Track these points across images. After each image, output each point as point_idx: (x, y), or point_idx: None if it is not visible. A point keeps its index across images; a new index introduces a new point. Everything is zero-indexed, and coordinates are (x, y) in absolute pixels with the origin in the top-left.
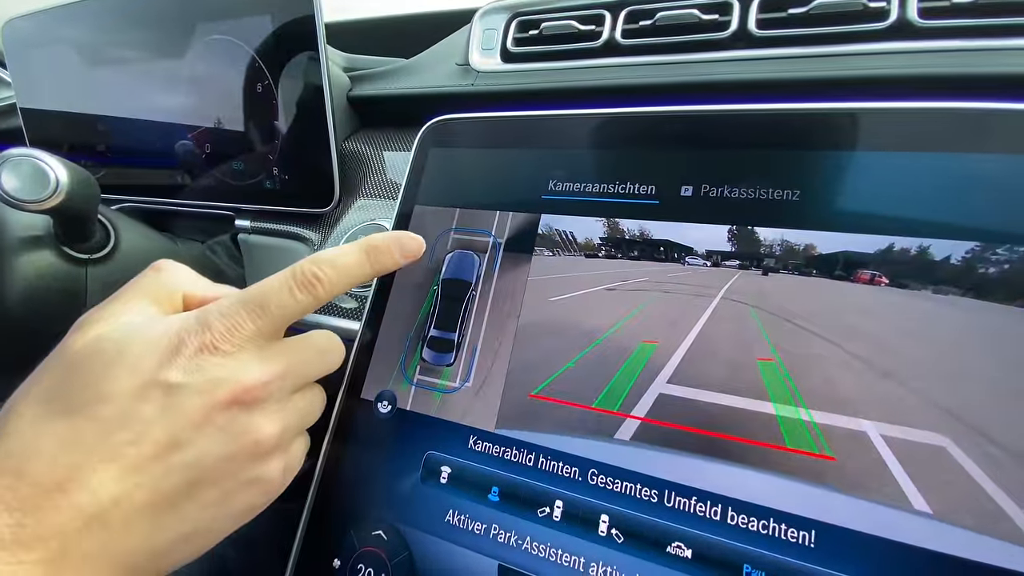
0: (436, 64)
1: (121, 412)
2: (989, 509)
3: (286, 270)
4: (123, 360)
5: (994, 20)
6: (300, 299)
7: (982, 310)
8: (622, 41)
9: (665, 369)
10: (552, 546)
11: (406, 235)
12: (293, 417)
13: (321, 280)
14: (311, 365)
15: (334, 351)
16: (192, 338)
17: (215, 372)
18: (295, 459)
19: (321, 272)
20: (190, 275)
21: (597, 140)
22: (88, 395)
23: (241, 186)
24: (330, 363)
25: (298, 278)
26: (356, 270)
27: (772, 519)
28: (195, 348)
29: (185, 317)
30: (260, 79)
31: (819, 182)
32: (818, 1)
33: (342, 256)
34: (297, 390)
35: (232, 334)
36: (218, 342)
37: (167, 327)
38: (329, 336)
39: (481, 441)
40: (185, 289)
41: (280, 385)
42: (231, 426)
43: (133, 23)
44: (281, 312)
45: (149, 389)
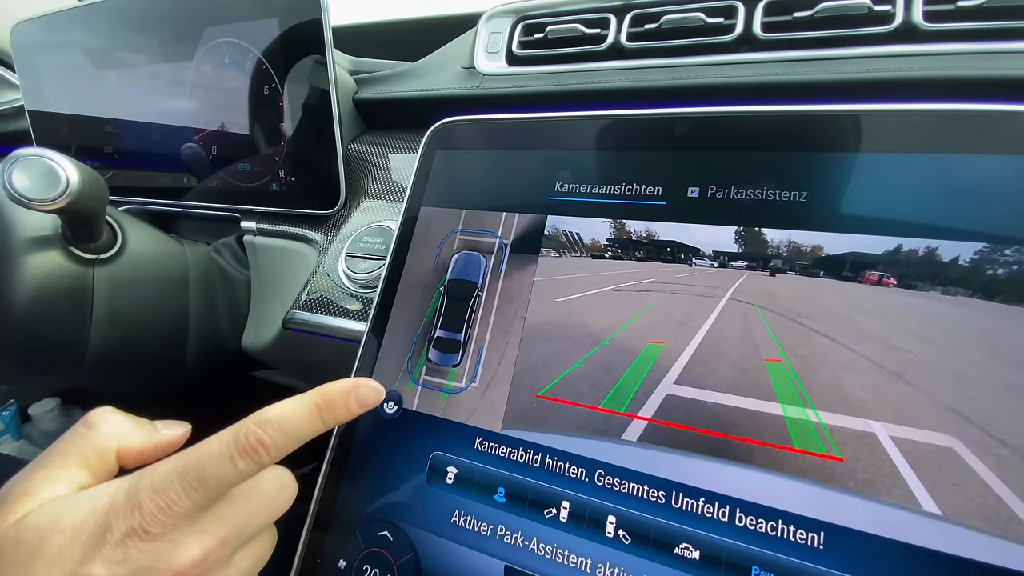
0: (441, 67)
1: None
2: (999, 511)
3: (228, 433)
4: (43, 553)
5: (999, 23)
6: (242, 468)
7: (990, 311)
8: (627, 44)
9: (672, 370)
10: (559, 547)
11: (364, 383)
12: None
13: (266, 445)
14: (257, 519)
15: (284, 495)
16: (120, 521)
17: (143, 560)
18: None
19: (267, 436)
20: (124, 427)
21: (603, 142)
22: None
23: (247, 188)
24: (279, 510)
25: (241, 445)
26: (307, 428)
27: (781, 520)
28: (122, 534)
29: (114, 494)
30: (267, 82)
31: (826, 183)
32: (823, 5)
33: (290, 414)
34: (241, 547)
35: (164, 514)
36: (148, 524)
37: (93, 507)
38: (280, 478)
39: (487, 442)
40: (120, 443)
41: (218, 555)
42: None
43: (141, 26)
44: (220, 484)
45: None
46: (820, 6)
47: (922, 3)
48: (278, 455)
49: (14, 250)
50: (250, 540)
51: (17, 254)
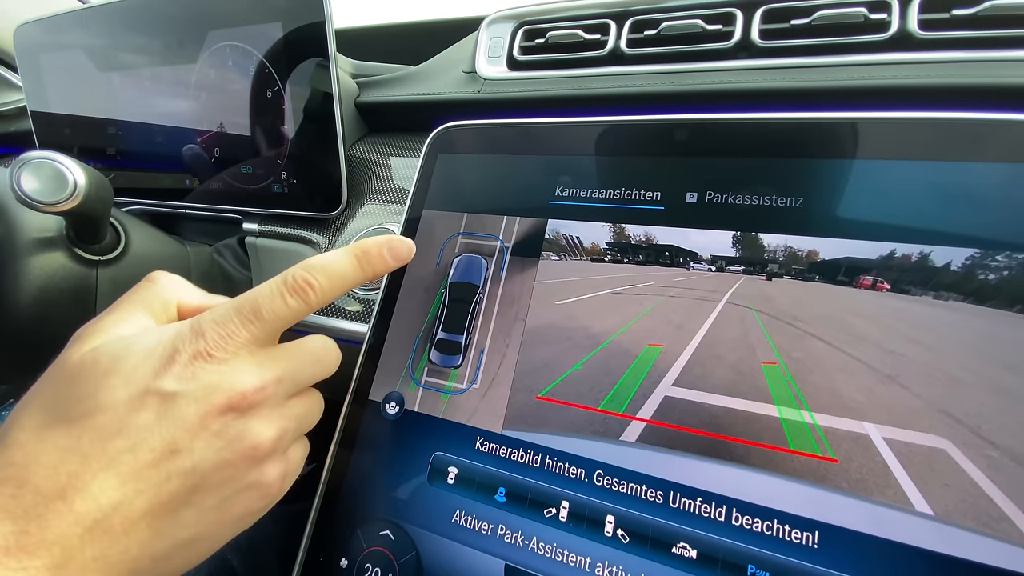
0: (443, 71)
1: (118, 421)
2: (989, 511)
3: (278, 276)
4: (118, 370)
5: (993, 32)
6: (292, 305)
7: (982, 315)
8: (627, 50)
9: (670, 372)
10: (558, 546)
11: (396, 239)
12: (290, 422)
13: (313, 286)
14: (306, 370)
15: (330, 356)
16: (186, 346)
17: (209, 379)
18: (294, 464)
19: (313, 278)
20: (184, 285)
21: (604, 147)
22: (86, 406)
23: (249, 190)
24: (326, 368)
25: (290, 284)
26: (348, 275)
27: (776, 520)
28: (189, 356)
29: (179, 326)
30: (270, 85)
31: (822, 190)
32: (820, 13)
33: (333, 262)
34: (293, 395)
35: (226, 341)
36: (212, 349)
37: (161, 336)
38: (324, 341)
39: (488, 442)
40: (180, 299)
41: (275, 390)
42: (227, 432)
43: (144, 29)
44: (274, 318)
45: (145, 398)
46: (817, 14)
47: (917, 12)
48: (324, 297)
49: (19, 251)
50: (301, 394)
51: (22, 255)
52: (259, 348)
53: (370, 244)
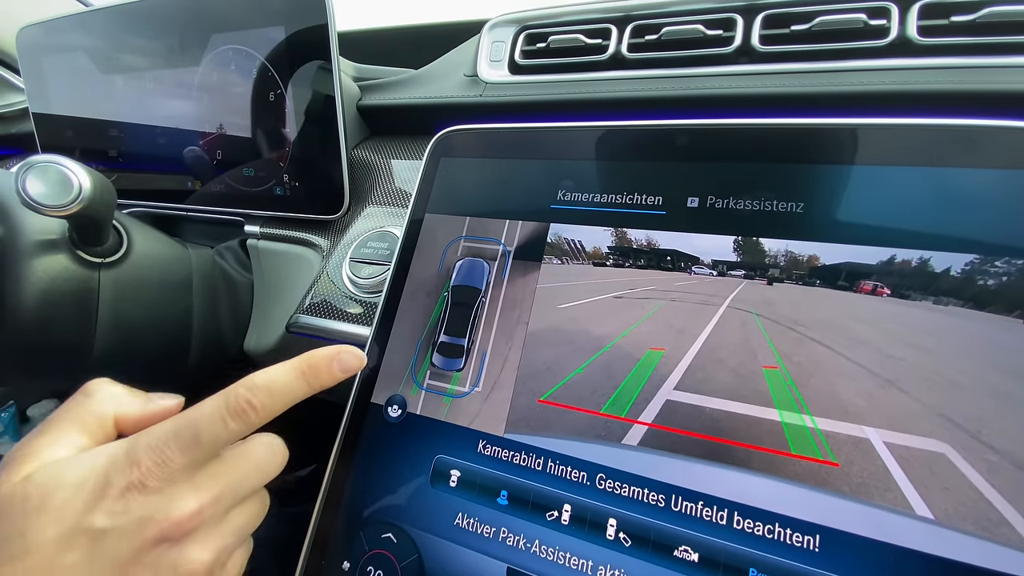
0: (445, 75)
1: (46, 563)
2: (989, 515)
3: (219, 396)
4: (47, 507)
5: (992, 38)
6: (233, 428)
7: (981, 320)
8: (628, 55)
9: (672, 376)
10: (560, 549)
11: (347, 351)
12: (229, 538)
13: (255, 407)
14: (249, 482)
15: (274, 461)
16: (119, 477)
17: (143, 512)
18: (232, 573)
19: (255, 398)
20: (122, 395)
21: (606, 152)
22: (15, 547)
23: (251, 192)
24: (270, 473)
25: (231, 407)
26: (293, 391)
27: (777, 524)
28: (121, 488)
29: (113, 452)
30: (272, 88)
31: (822, 195)
32: (820, 19)
33: (277, 379)
34: (234, 506)
35: (162, 468)
36: (146, 479)
37: (93, 465)
38: (270, 445)
39: (490, 445)
40: (117, 412)
41: (213, 511)
42: (160, 563)
43: (147, 32)
44: (213, 442)
45: (74, 537)
46: (817, 20)
47: (916, 18)
48: (266, 416)
49: (21, 253)
50: (243, 500)
51: (25, 257)
52: (196, 470)
53: (318, 357)
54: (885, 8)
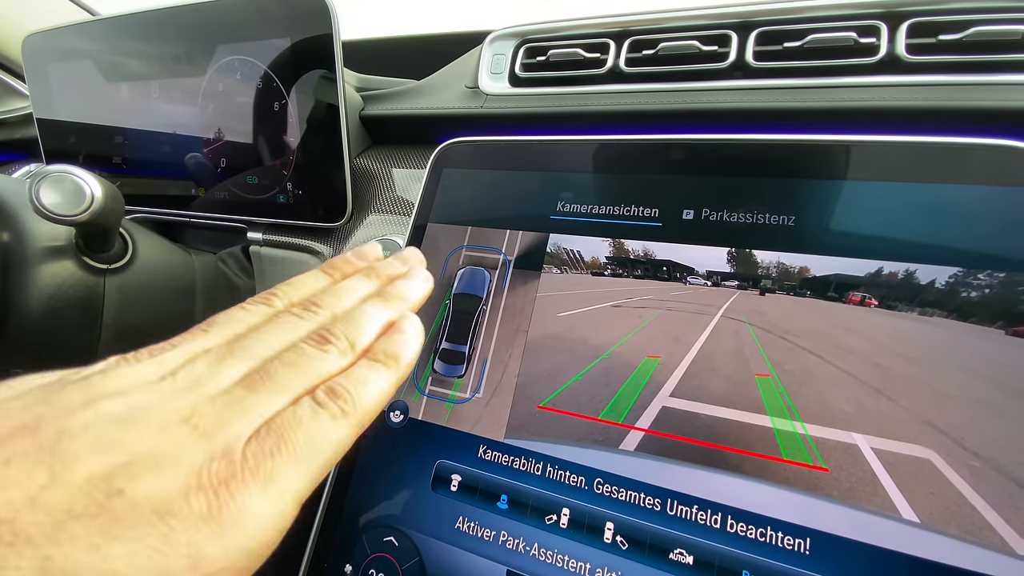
0: (446, 86)
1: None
2: (973, 519)
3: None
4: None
5: (979, 57)
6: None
7: (964, 331)
8: (626, 69)
9: (668, 383)
10: (559, 552)
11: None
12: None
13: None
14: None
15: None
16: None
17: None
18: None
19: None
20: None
21: (604, 165)
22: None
23: (254, 200)
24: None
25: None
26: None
27: (769, 527)
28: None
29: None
30: (277, 98)
31: (813, 209)
32: (812, 36)
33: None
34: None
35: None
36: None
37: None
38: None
39: (490, 450)
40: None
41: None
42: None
43: (154, 42)
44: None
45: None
46: (809, 37)
47: (905, 36)
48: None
49: (29, 259)
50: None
51: (32, 263)
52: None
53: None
54: (875, 27)
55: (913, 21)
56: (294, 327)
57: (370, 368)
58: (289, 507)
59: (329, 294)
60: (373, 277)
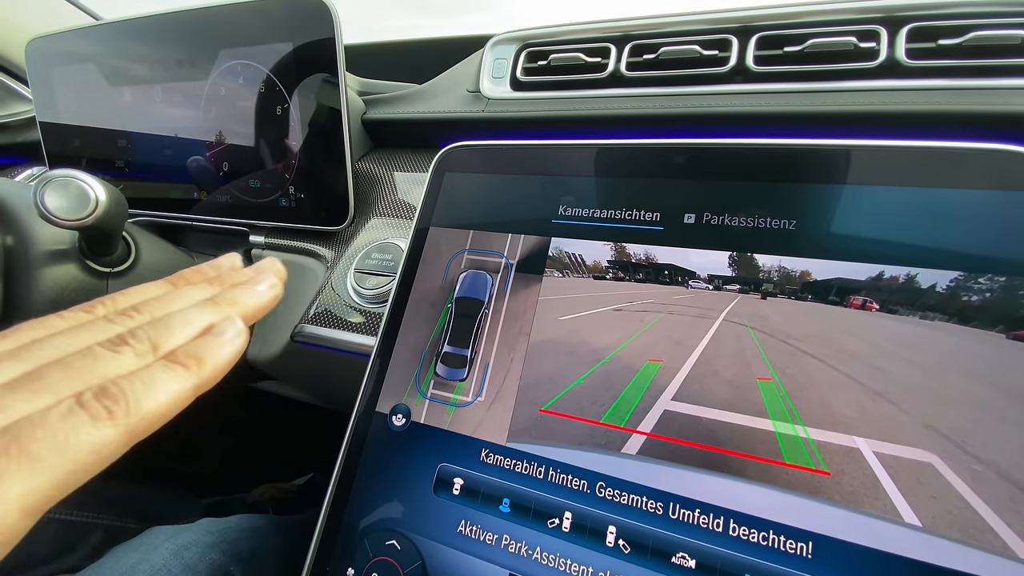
0: (448, 90)
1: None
2: (975, 522)
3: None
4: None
5: (978, 61)
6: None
7: (965, 335)
8: (627, 73)
9: (670, 387)
10: (561, 556)
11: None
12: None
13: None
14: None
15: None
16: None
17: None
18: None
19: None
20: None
21: (606, 169)
22: None
23: (257, 203)
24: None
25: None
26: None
27: (772, 531)
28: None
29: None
30: (279, 102)
31: (814, 213)
32: (812, 40)
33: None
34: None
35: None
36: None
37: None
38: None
39: (492, 454)
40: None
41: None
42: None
43: (157, 46)
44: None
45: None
46: (809, 42)
47: (905, 41)
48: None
49: (33, 263)
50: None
51: (36, 267)
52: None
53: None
54: (875, 31)
55: (913, 26)
56: (100, 332)
57: (163, 369)
58: (12, 516)
59: (159, 300)
60: (216, 285)
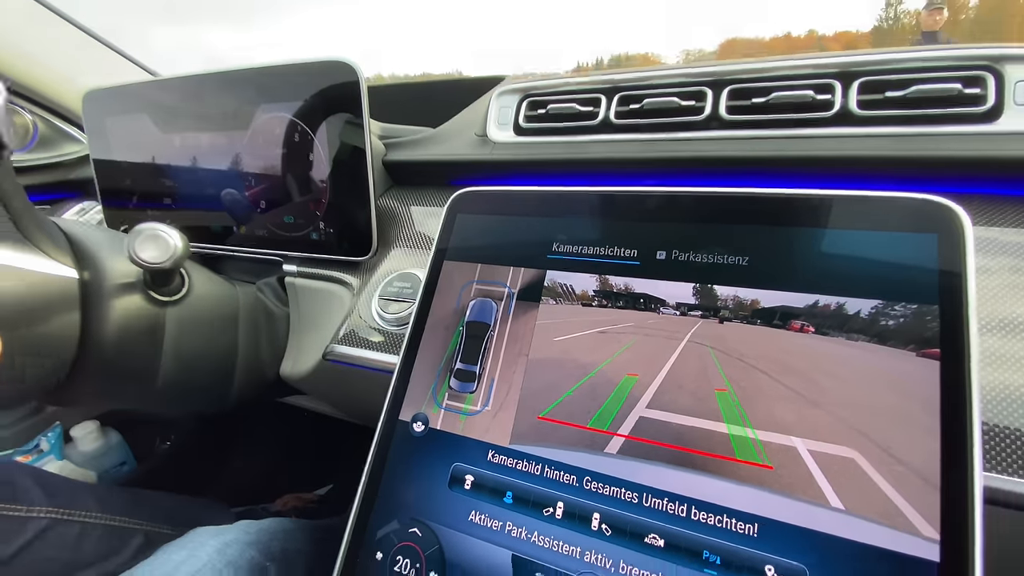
0: (458, 134)
1: None
2: (887, 506)
3: None
4: None
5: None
6: None
7: (883, 353)
8: (615, 120)
9: (644, 397)
10: (555, 539)
11: None
12: None
13: None
14: None
15: None
16: None
17: None
18: None
19: None
20: None
21: (592, 212)
22: None
23: (290, 236)
24: None
25: None
26: None
27: (725, 515)
28: None
29: None
30: (311, 148)
31: (762, 250)
32: (776, 93)
33: None
34: None
35: None
36: None
37: None
38: None
39: (498, 454)
40: None
41: None
42: None
43: (204, 102)
44: None
45: None
46: (773, 94)
47: (856, 93)
48: None
49: (105, 294)
50: None
51: (107, 297)
52: None
53: None
54: (830, 84)
55: (863, 80)
56: None
57: None
58: None
59: None
60: None
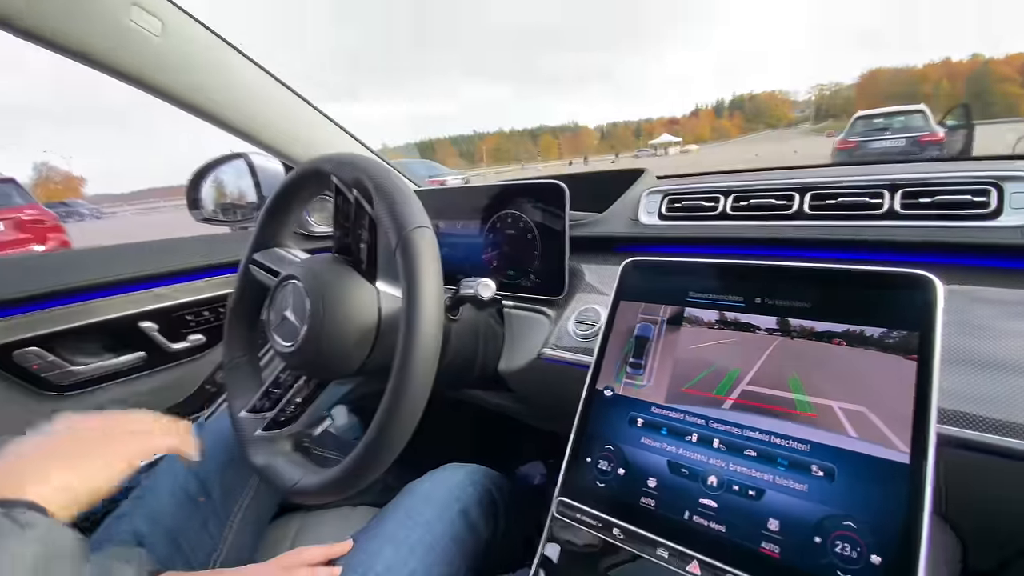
0: (618, 217)
1: None
2: (881, 436)
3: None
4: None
5: (942, 211)
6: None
7: (885, 357)
8: (730, 211)
9: (745, 378)
10: (692, 452)
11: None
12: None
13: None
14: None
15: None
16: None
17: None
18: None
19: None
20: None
21: (714, 274)
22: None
23: (510, 283)
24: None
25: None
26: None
27: (790, 439)
28: None
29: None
30: (529, 230)
31: (818, 298)
32: (841, 198)
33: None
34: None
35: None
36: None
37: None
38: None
39: (657, 408)
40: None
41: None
42: None
43: (464, 205)
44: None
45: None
46: (840, 198)
47: (900, 198)
48: None
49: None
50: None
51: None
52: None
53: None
54: (880, 192)
55: (904, 189)
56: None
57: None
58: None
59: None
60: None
